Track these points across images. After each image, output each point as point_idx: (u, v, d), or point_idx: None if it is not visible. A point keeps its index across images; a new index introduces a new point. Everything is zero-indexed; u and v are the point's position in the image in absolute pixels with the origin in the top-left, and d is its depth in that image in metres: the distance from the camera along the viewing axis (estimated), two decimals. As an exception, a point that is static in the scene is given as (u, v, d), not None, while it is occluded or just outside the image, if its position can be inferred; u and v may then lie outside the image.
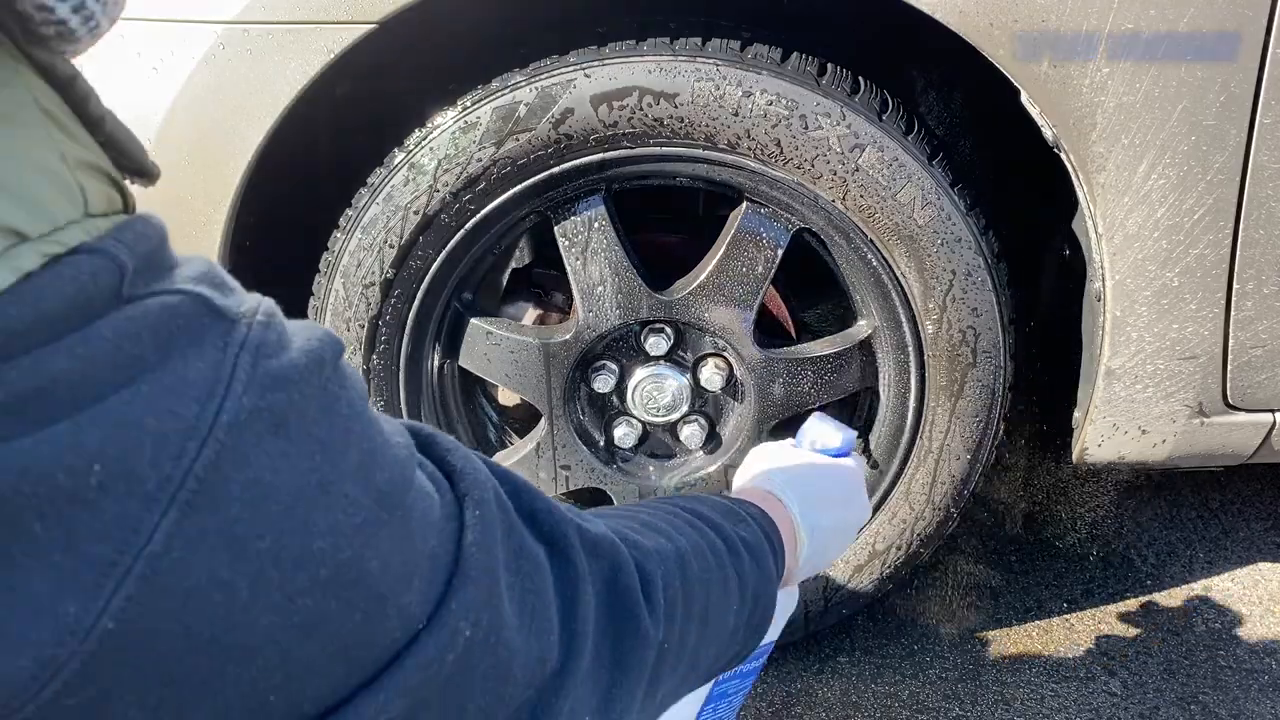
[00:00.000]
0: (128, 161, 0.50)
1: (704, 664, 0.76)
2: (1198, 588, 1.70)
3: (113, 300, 0.42)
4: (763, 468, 0.99)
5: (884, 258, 1.29)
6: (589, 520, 0.67)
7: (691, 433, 1.41)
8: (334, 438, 0.48)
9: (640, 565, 0.68)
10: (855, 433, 1.06)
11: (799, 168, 1.23)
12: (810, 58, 1.23)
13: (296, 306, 1.36)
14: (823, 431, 1.05)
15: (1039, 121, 1.19)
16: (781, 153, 1.22)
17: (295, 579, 0.45)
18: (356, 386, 0.51)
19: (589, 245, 1.30)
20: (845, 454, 1.05)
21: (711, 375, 1.38)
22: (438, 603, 0.51)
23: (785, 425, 1.45)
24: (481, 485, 0.57)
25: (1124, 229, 1.22)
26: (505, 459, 1.45)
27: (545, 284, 1.43)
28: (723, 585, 0.76)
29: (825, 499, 0.98)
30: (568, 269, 1.31)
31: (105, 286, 0.41)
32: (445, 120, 1.22)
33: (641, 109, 1.20)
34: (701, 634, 0.73)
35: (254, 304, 0.47)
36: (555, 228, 1.30)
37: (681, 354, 1.39)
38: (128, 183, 0.50)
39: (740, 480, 1.01)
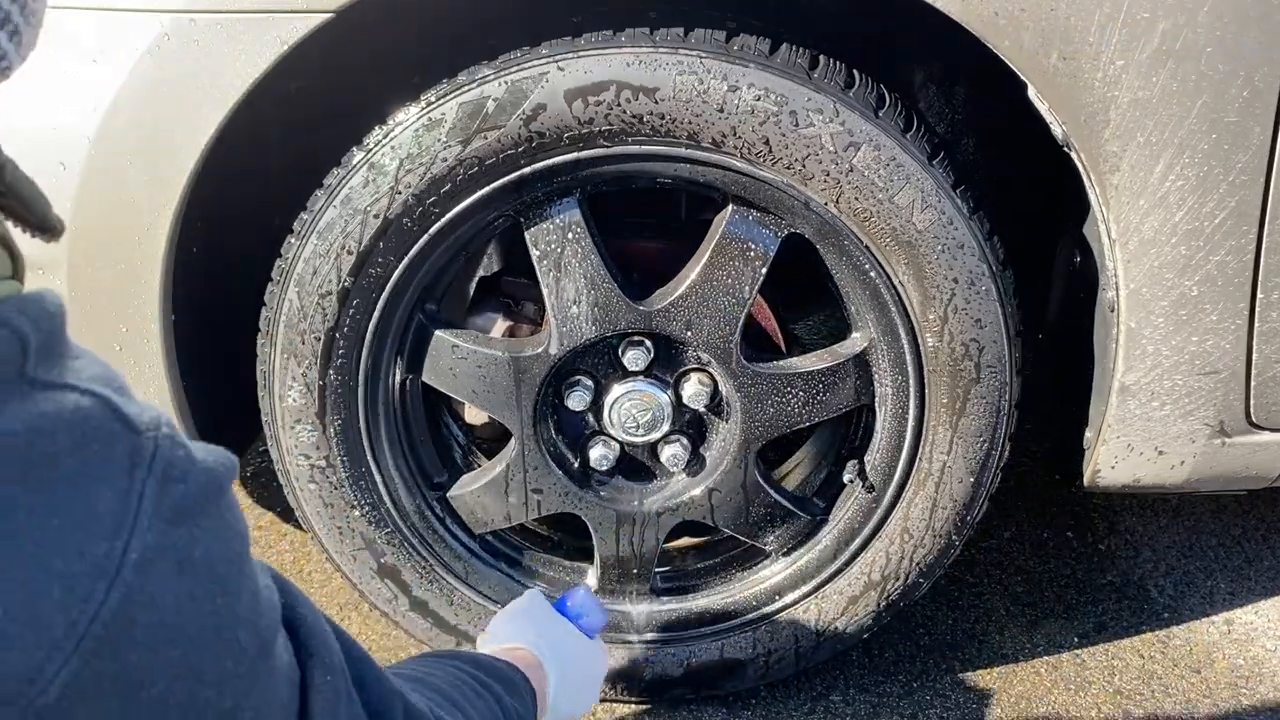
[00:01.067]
0: (29, 214, 0.50)
1: None
2: (1219, 621, 1.67)
3: (17, 379, 0.41)
4: (536, 629, 1.13)
5: (881, 265, 1.25)
6: (408, 690, 0.69)
7: (673, 454, 1.38)
8: (231, 576, 0.48)
9: None
10: (608, 618, 1.25)
11: (789, 168, 1.20)
12: (801, 50, 1.20)
13: (248, 317, 1.31)
14: (589, 607, 1.21)
15: (1048, 118, 1.16)
16: (770, 152, 1.19)
17: None
18: (242, 516, 0.51)
19: (563, 252, 1.26)
20: (595, 633, 1.21)
21: (694, 392, 1.34)
22: None
23: (773, 446, 1.43)
24: (330, 649, 0.57)
25: (1139, 234, 1.19)
26: (473, 481, 1.42)
27: (515, 293, 1.40)
28: None
29: (576, 684, 1.12)
30: (540, 277, 1.28)
31: (8, 360, 0.41)
32: (408, 117, 1.19)
33: (619, 104, 1.17)
34: None
35: (154, 415, 0.46)
36: (526, 233, 1.27)
37: (662, 369, 1.36)
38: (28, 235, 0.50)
39: (508, 624, 1.15)
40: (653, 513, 1.40)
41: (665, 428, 1.36)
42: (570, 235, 1.25)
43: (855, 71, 1.21)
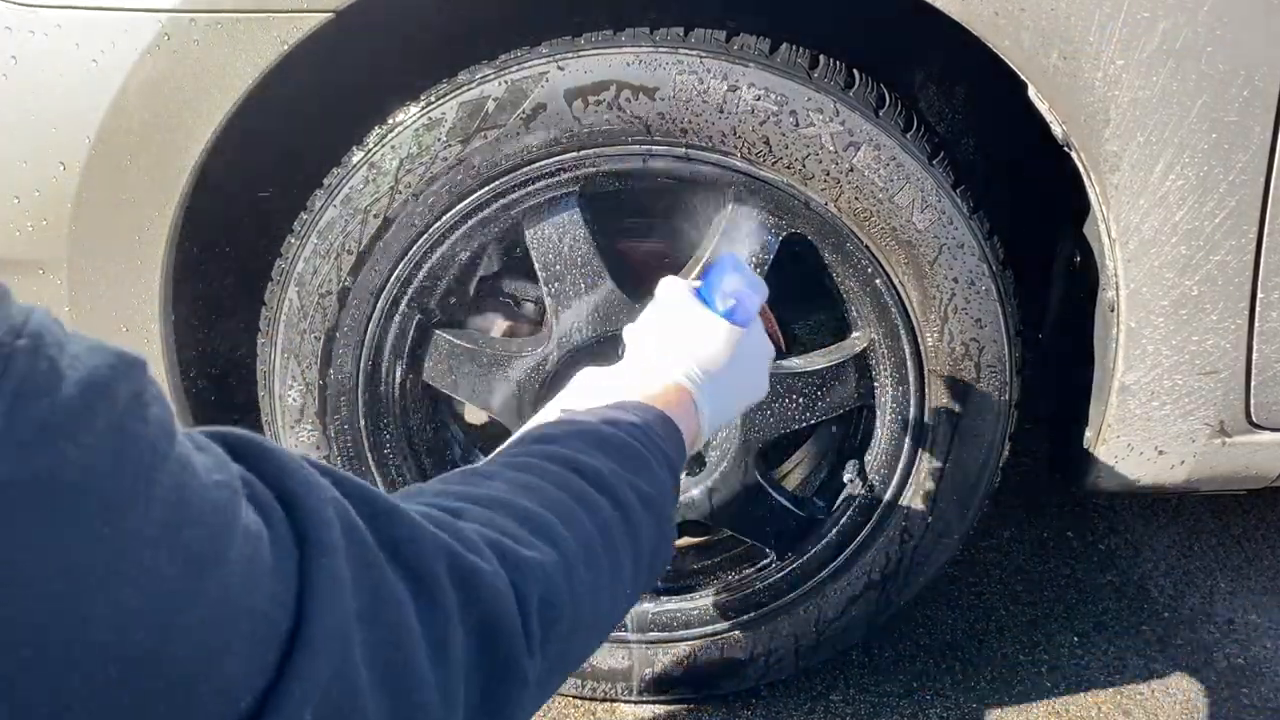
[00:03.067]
0: None
1: (582, 653, 0.70)
2: (1219, 620, 1.66)
3: None
4: (680, 339, 0.95)
5: (880, 265, 1.24)
6: (461, 531, 0.58)
7: None
8: (128, 496, 0.39)
9: (519, 591, 0.60)
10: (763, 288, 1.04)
11: (789, 167, 1.19)
12: (801, 49, 1.19)
13: (249, 318, 1.30)
14: (737, 289, 1.00)
15: (1048, 118, 1.15)
16: (770, 151, 1.18)
17: (66, 683, 0.36)
18: (160, 415, 0.42)
19: (562, 251, 1.25)
20: (751, 317, 1.02)
21: None
22: (274, 678, 0.43)
23: (774, 446, 1.42)
24: (327, 523, 0.48)
25: (1139, 233, 1.18)
26: None
27: (515, 293, 1.39)
28: (613, 577, 0.69)
29: (736, 393, 0.98)
30: (540, 277, 1.27)
31: None
32: (408, 117, 1.18)
33: (619, 104, 1.16)
34: (587, 638, 0.68)
35: (17, 322, 0.38)
36: (526, 233, 1.25)
37: None
38: None
39: (651, 326, 0.98)
40: (653, 511, 1.39)
41: (665, 428, 1.34)
42: (570, 234, 1.24)
43: (855, 71, 1.20)
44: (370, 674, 0.48)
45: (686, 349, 0.95)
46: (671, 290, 1.02)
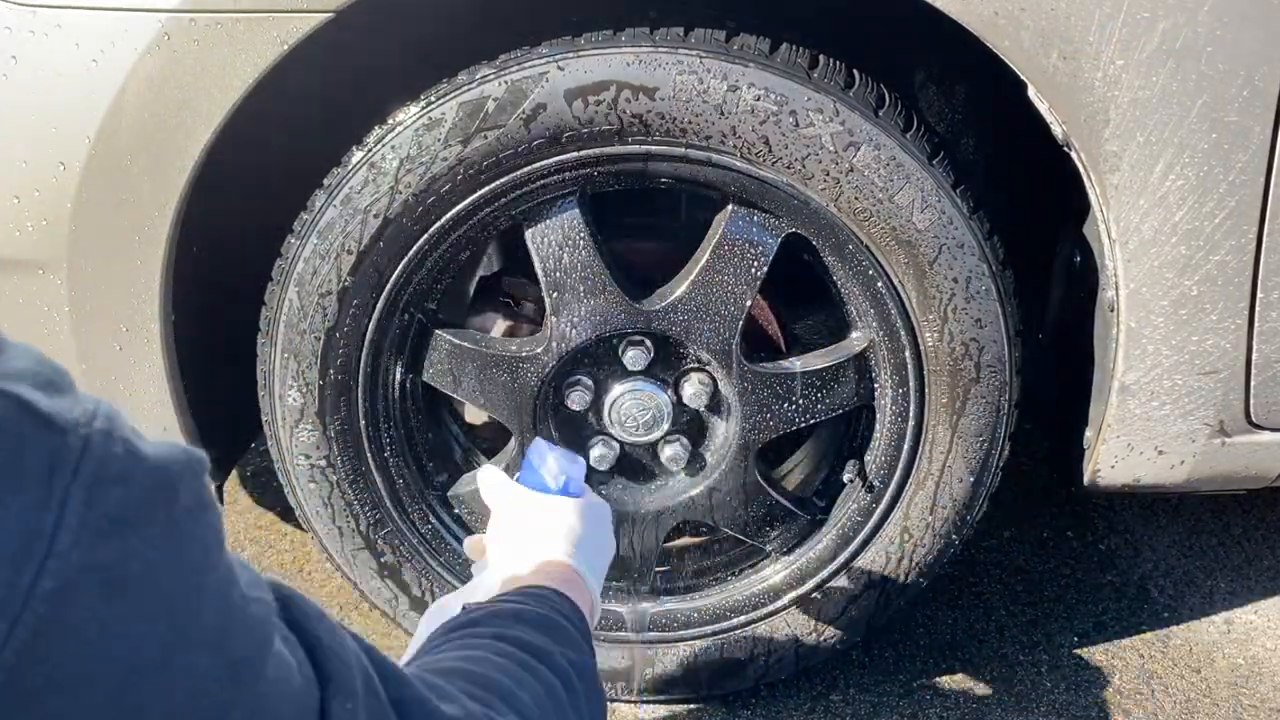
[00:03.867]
0: None
1: None
2: (1219, 620, 1.65)
3: None
4: (539, 528, 1.02)
5: (880, 265, 1.24)
6: (452, 699, 0.61)
7: (673, 453, 1.36)
8: (184, 593, 0.41)
9: None
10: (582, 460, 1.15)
11: (789, 168, 1.19)
12: (801, 49, 1.19)
13: (248, 318, 1.30)
14: (562, 465, 1.09)
15: (1048, 118, 1.15)
16: (770, 151, 1.18)
17: None
18: (214, 522, 0.44)
19: (562, 252, 1.25)
20: (582, 488, 1.10)
21: (694, 392, 1.33)
22: None
23: (773, 445, 1.42)
24: (350, 668, 0.51)
25: (1139, 233, 1.18)
26: (473, 481, 1.37)
27: (515, 293, 1.38)
28: None
29: (601, 553, 1.05)
30: (539, 277, 1.26)
31: None
32: (407, 117, 1.18)
33: (619, 104, 1.16)
34: None
35: (89, 408, 0.39)
36: (526, 233, 1.25)
37: (662, 369, 1.34)
38: None
39: (505, 527, 1.04)
40: (653, 512, 1.38)
41: (665, 427, 1.33)
42: (570, 235, 1.23)
43: (855, 71, 1.19)
44: None
45: (548, 533, 1.01)
46: (501, 491, 1.09)
